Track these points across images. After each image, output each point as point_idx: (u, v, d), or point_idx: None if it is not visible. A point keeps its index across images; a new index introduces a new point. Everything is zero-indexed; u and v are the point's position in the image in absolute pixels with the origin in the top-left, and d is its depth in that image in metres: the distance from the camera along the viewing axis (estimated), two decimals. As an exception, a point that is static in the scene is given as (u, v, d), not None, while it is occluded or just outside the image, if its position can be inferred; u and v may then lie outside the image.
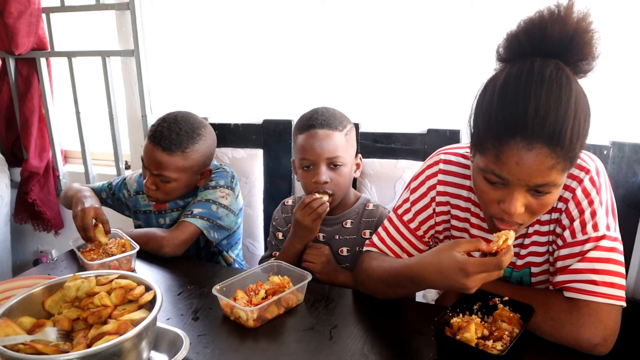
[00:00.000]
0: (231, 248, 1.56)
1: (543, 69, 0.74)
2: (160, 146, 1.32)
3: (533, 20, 0.77)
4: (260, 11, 1.74)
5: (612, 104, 1.36)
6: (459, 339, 0.81)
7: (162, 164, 1.33)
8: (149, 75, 1.98)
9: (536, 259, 0.98)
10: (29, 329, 0.75)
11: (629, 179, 1.36)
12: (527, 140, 0.73)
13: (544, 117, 0.72)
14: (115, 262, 1.18)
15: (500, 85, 0.77)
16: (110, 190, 1.59)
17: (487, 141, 0.78)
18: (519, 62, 0.78)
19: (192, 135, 1.36)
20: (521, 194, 0.79)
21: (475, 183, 0.87)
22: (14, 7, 1.96)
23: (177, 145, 1.33)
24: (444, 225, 1.07)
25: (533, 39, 0.77)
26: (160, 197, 1.40)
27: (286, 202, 1.44)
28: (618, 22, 1.32)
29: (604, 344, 0.83)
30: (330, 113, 1.28)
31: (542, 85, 0.73)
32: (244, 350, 0.89)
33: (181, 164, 1.34)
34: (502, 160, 0.76)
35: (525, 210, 0.81)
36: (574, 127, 0.73)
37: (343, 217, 1.33)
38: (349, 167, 1.28)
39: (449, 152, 1.06)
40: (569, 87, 0.74)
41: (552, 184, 0.77)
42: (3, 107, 2.27)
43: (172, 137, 1.32)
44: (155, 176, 1.35)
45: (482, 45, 1.46)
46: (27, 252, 2.54)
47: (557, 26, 0.75)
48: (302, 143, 1.26)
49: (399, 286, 0.97)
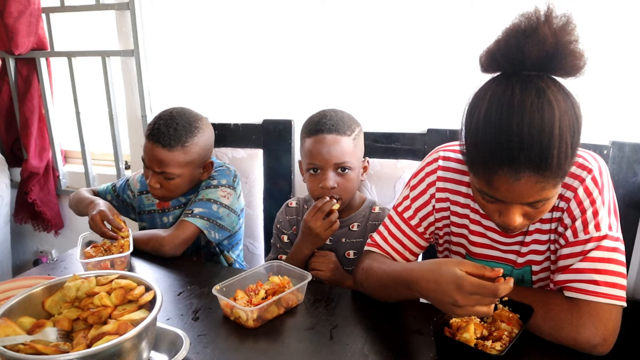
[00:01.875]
0: (232, 248, 1.55)
1: (524, 98, 0.73)
2: (160, 143, 1.32)
3: (509, 39, 0.75)
4: (260, 11, 1.74)
5: (612, 104, 1.36)
6: (457, 339, 0.81)
7: (164, 161, 1.32)
8: (149, 75, 1.98)
9: (537, 257, 0.99)
10: (29, 329, 0.75)
11: (629, 179, 1.36)
12: (514, 170, 0.74)
13: (528, 148, 0.72)
14: (107, 262, 1.17)
15: (484, 114, 0.76)
16: (114, 192, 1.59)
17: (477, 166, 0.80)
18: (501, 85, 0.76)
19: (190, 129, 1.36)
20: (517, 208, 0.81)
21: (473, 194, 0.89)
22: (14, 7, 1.96)
23: (176, 141, 1.32)
24: (443, 221, 1.08)
25: (511, 59, 0.76)
26: (166, 195, 1.40)
27: (290, 204, 1.42)
28: (618, 22, 1.32)
29: (603, 343, 0.83)
30: (339, 117, 1.27)
31: (524, 115, 0.72)
32: (244, 350, 0.89)
33: (182, 158, 1.34)
34: (493, 186, 0.78)
35: (525, 218, 0.83)
36: (560, 150, 0.73)
37: (350, 220, 1.32)
38: (357, 171, 1.27)
39: (447, 149, 1.07)
40: (551, 111, 0.72)
41: (545, 199, 0.79)
42: (3, 107, 2.27)
43: (170, 133, 1.32)
44: (158, 174, 1.35)
45: (482, 45, 1.46)
46: (27, 252, 2.54)
47: (534, 48, 0.73)
48: (310, 147, 1.24)
49: (395, 290, 0.96)
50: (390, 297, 1.01)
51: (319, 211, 1.20)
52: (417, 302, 1.04)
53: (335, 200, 1.22)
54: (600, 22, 1.32)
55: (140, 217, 1.56)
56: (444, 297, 0.79)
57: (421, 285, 0.85)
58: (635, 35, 1.33)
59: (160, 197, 1.42)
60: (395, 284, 0.94)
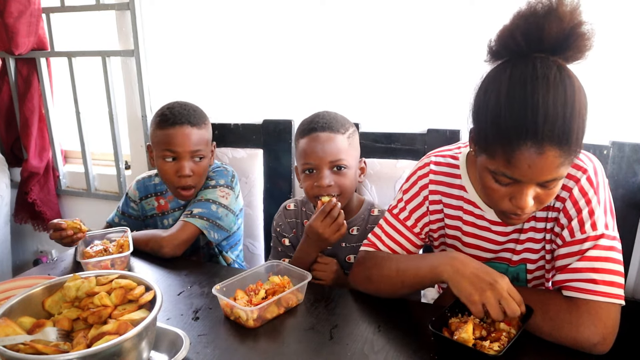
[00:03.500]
0: (231, 249, 1.55)
1: (546, 72, 0.75)
2: (189, 122, 1.36)
3: (527, 17, 0.77)
4: (260, 11, 1.74)
5: (612, 104, 1.36)
6: (456, 339, 0.81)
7: (196, 139, 1.37)
8: (149, 75, 1.98)
9: (532, 255, 1.00)
10: (29, 329, 0.75)
11: (629, 179, 1.36)
12: (538, 144, 0.75)
13: (553, 121, 0.74)
14: (107, 262, 1.17)
15: (506, 91, 0.77)
16: (120, 212, 1.59)
17: (496, 146, 0.79)
18: (520, 64, 0.78)
19: (201, 111, 1.43)
20: (531, 189, 0.81)
21: (483, 182, 0.87)
22: (14, 7, 1.96)
23: (199, 119, 1.39)
24: (438, 224, 1.09)
25: (529, 37, 0.77)
26: (197, 183, 1.41)
27: (288, 207, 1.40)
28: (618, 22, 1.32)
29: (603, 342, 0.83)
30: (332, 116, 1.27)
31: (549, 89, 0.74)
32: (244, 350, 0.89)
33: (207, 136, 1.41)
34: (513, 164, 0.78)
35: (535, 202, 0.83)
36: (579, 125, 0.75)
37: (349, 224, 1.28)
38: (353, 170, 1.26)
39: (438, 155, 1.09)
40: (572, 86, 0.75)
41: (559, 177, 0.80)
42: (3, 107, 2.27)
43: (191, 114, 1.38)
44: (189, 159, 1.37)
45: (482, 45, 1.46)
46: (27, 252, 2.54)
47: (554, 25, 0.75)
48: (304, 147, 1.23)
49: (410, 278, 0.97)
50: (394, 291, 1.01)
51: (328, 216, 1.16)
52: (417, 302, 1.04)
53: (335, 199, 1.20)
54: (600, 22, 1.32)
55: (145, 222, 1.56)
56: (485, 276, 0.83)
57: (460, 260, 0.88)
58: (635, 35, 1.33)
59: (192, 186, 1.40)
60: (417, 269, 0.95)
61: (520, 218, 0.88)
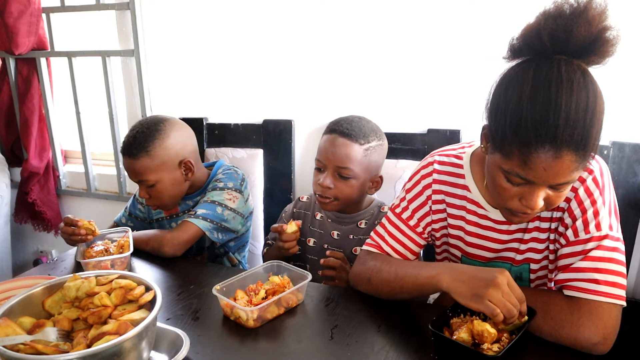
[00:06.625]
0: (238, 250, 1.56)
1: (571, 76, 0.74)
2: (128, 155, 1.34)
3: (555, 18, 0.75)
4: (260, 11, 1.74)
5: (612, 104, 1.35)
6: (455, 339, 0.81)
7: (136, 170, 1.34)
8: (149, 75, 1.98)
9: (535, 255, 0.99)
10: (29, 329, 0.75)
11: (629, 179, 1.36)
12: (556, 148, 0.74)
13: (574, 126, 0.73)
14: (107, 263, 1.17)
15: (530, 91, 0.75)
16: (127, 213, 1.59)
17: (513, 146, 0.78)
18: (544, 65, 0.76)
19: (150, 133, 1.35)
20: (542, 190, 0.81)
21: (493, 180, 0.86)
22: (14, 7, 1.96)
23: (138, 148, 1.33)
24: (440, 223, 1.09)
25: (556, 39, 0.75)
26: (158, 204, 1.40)
27: (301, 198, 1.47)
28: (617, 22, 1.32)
29: (604, 342, 0.83)
30: (357, 124, 1.27)
31: (572, 94, 0.73)
32: (244, 350, 0.89)
33: (150, 163, 1.33)
34: (529, 166, 0.77)
35: (544, 203, 0.83)
36: (597, 131, 0.75)
37: (358, 216, 1.35)
38: (360, 181, 1.27)
39: (442, 154, 1.08)
40: (594, 92, 0.75)
41: (572, 181, 0.80)
42: (3, 107, 2.27)
43: (132, 143, 1.34)
44: (141, 186, 1.37)
45: (482, 45, 1.46)
46: (27, 252, 2.54)
47: (582, 28, 0.74)
48: (322, 144, 1.29)
49: (409, 283, 0.96)
50: (393, 295, 1.01)
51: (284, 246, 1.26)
52: (417, 303, 1.04)
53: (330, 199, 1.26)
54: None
55: (152, 226, 1.56)
56: (484, 275, 0.83)
57: (457, 269, 0.88)
58: (635, 35, 1.33)
59: (156, 207, 1.42)
60: (416, 276, 0.95)
61: (526, 217, 0.88)
